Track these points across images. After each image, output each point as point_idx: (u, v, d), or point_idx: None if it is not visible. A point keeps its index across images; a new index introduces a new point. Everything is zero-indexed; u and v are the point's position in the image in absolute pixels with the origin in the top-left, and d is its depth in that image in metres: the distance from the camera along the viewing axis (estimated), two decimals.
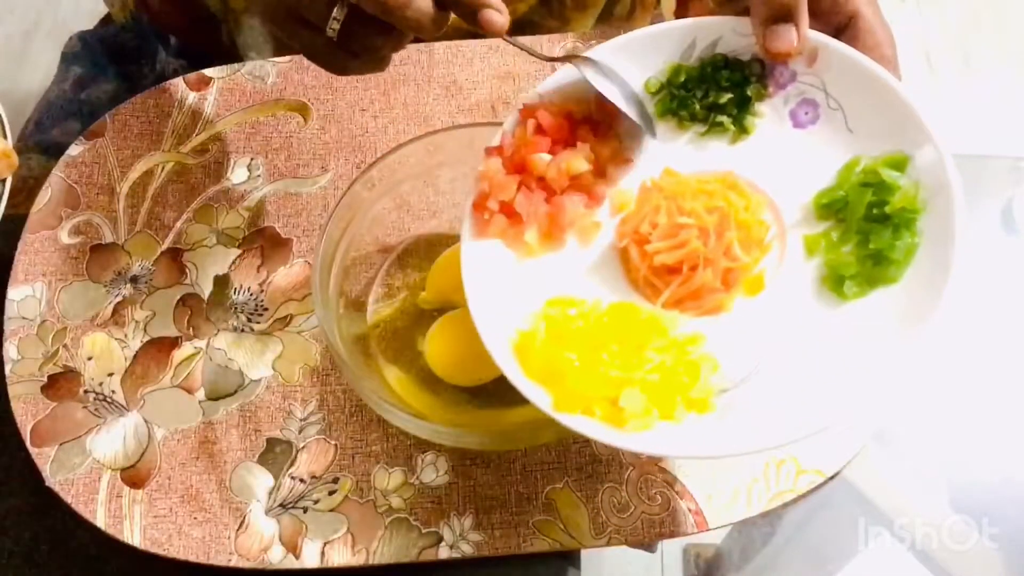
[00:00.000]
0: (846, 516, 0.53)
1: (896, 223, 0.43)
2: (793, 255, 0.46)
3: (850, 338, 0.43)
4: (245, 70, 0.68)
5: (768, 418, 0.41)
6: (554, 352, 0.44)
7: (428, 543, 0.52)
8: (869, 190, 0.44)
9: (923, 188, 0.43)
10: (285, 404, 0.56)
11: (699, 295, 0.45)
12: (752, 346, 0.44)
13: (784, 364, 0.44)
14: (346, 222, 0.56)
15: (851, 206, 0.44)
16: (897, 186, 0.43)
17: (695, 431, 0.42)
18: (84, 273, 0.61)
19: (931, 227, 0.42)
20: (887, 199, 0.43)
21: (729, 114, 0.48)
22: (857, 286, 0.43)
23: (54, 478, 0.54)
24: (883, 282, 0.43)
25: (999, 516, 0.53)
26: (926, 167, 0.43)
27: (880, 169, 0.44)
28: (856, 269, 0.43)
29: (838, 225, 0.45)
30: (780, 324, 0.45)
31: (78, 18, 1.47)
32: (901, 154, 0.44)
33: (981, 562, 0.52)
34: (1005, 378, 0.58)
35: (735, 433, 0.41)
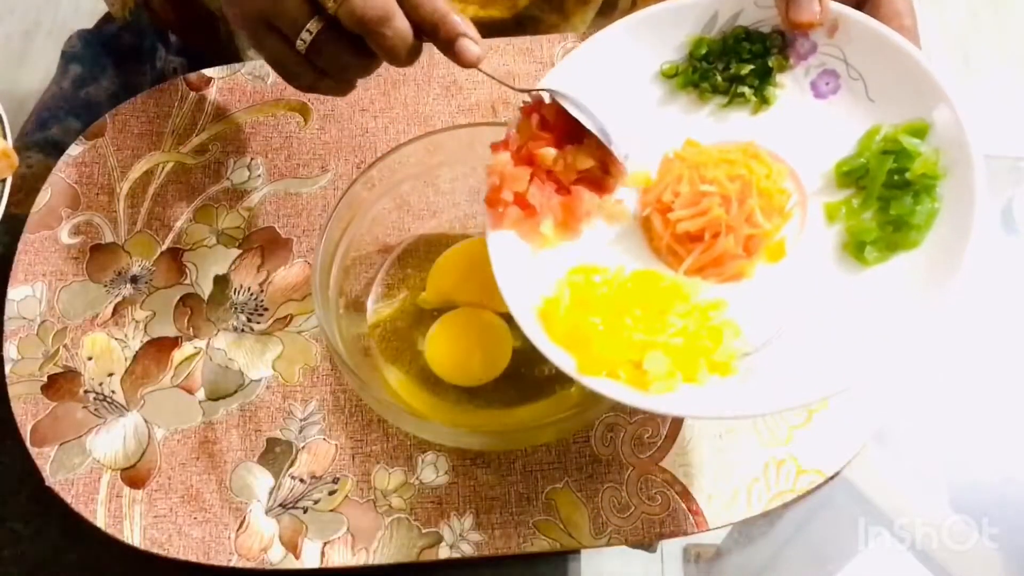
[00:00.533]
0: (846, 516, 0.53)
1: (917, 189, 0.44)
2: (814, 222, 0.46)
3: (870, 303, 0.44)
4: (245, 70, 0.68)
5: (789, 380, 0.42)
6: (579, 317, 0.44)
7: (428, 543, 0.52)
8: (890, 157, 0.44)
9: (943, 154, 0.44)
10: (285, 404, 0.56)
11: (721, 262, 0.46)
12: (773, 311, 0.45)
13: (805, 328, 0.44)
14: (346, 222, 0.56)
15: (872, 173, 0.45)
16: (918, 153, 0.44)
17: (717, 393, 0.43)
18: (84, 273, 0.61)
19: (951, 192, 0.43)
20: (908, 166, 0.44)
21: (750, 85, 0.49)
22: (878, 251, 0.44)
23: (54, 478, 0.54)
24: (904, 247, 0.44)
25: (999, 516, 0.53)
26: (945, 133, 0.44)
27: (901, 136, 0.44)
28: (877, 235, 0.44)
29: (859, 192, 0.46)
30: (801, 290, 0.45)
31: (78, 18, 1.47)
32: (921, 121, 0.44)
33: (981, 562, 0.52)
34: (1005, 378, 0.58)
35: (757, 395, 0.42)
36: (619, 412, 0.55)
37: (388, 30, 0.44)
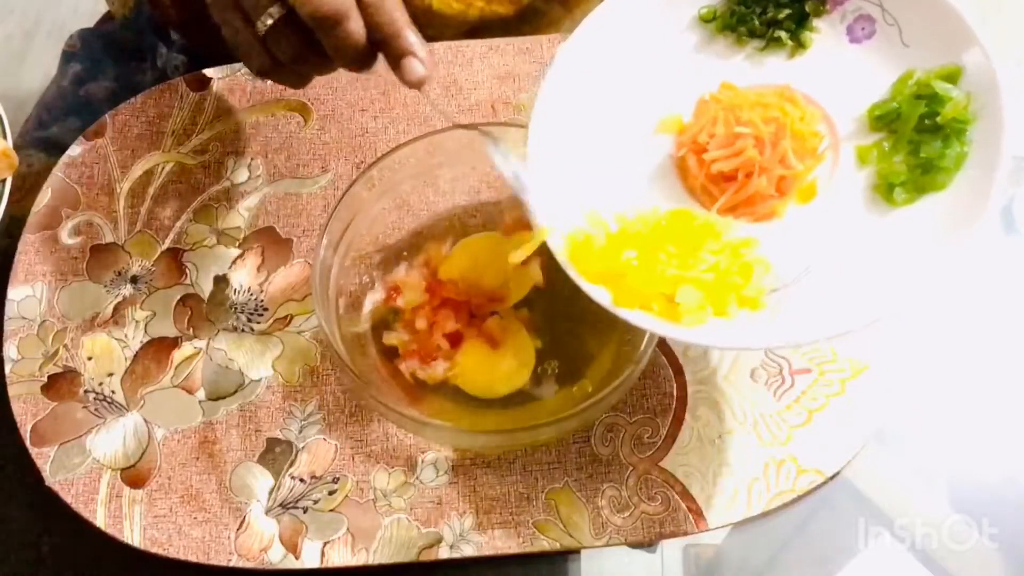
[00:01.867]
0: (846, 516, 0.53)
1: (947, 133, 0.44)
2: (846, 164, 0.48)
3: (897, 242, 0.45)
4: (245, 70, 0.68)
5: (816, 315, 0.43)
6: (614, 253, 0.46)
7: (428, 543, 0.52)
8: (922, 102, 0.45)
9: (974, 99, 0.44)
10: (285, 404, 0.56)
11: (753, 202, 0.48)
12: (803, 250, 0.46)
13: (833, 266, 0.46)
14: (346, 222, 0.56)
15: (904, 117, 0.46)
16: (949, 97, 0.45)
17: (746, 326, 0.44)
18: (84, 273, 0.61)
19: (980, 136, 0.44)
20: (939, 110, 0.45)
21: (787, 29, 0.50)
22: (906, 193, 0.45)
23: (54, 478, 0.54)
24: (932, 189, 0.45)
25: (999, 516, 0.52)
26: (977, 78, 0.44)
27: (933, 81, 0.45)
28: (906, 177, 0.45)
29: (890, 136, 0.47)
30: (831, 229, 0.47)
31: (78, 18, 1.47)
32: (954, 66, 0.45)
33: (981, 562, 0.52)
34: (1005, 378, 0.58)
35: (784, 328, 0.43)
36: (619, 412, 0.55)
37: (340, 31, 0.44)
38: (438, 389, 0.55)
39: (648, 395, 0.56)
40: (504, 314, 0.55)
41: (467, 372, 0.54)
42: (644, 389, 0.56)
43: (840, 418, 0.54)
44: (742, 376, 0.56)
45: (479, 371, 0.54)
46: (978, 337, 0.59)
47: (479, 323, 0.55)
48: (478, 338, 0.55)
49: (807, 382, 0.56)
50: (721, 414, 0.55)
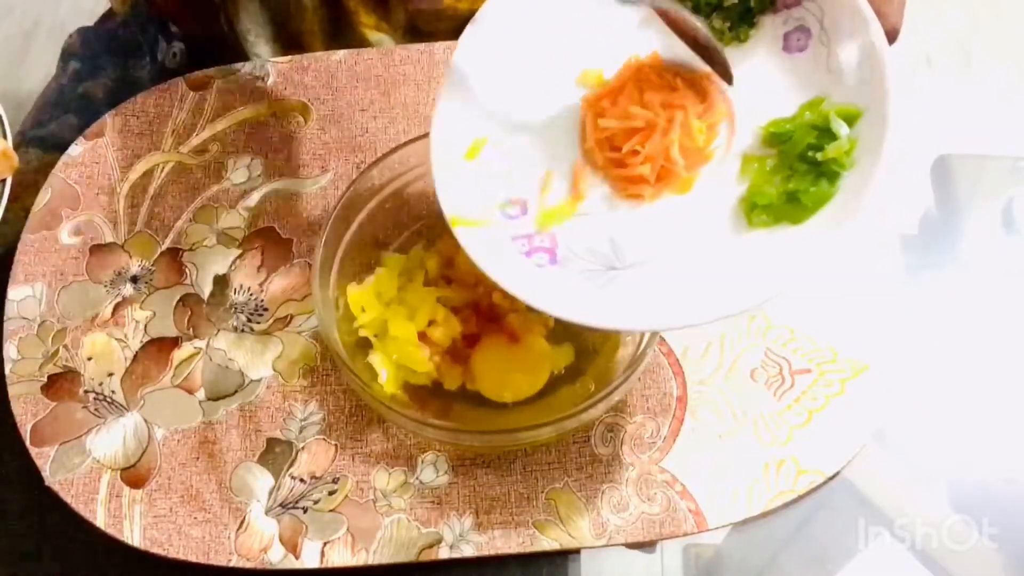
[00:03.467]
0: (846, 516, 0.53)
1: (822, 171, 0.44)
2: (730, 170, 0.47)
3: (741, 260, 0.45)
4: (245, 70, 0.68)
5: (641, 304, 0.44)
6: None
7: (428, 543, 0.52)
8: (815, 132, 0.45)
9: (859, 147, 0.44)
10: (285, 404, 0.56)
11: (631, 182, 0.48)
12: (654, 239, 0.47)
13: (674, 264, 0.46)
14: (346, 222, 0.56)
15: (793, 141, 0.46)
16: (837, 136, 0.44)
17: (579, 294, 0.45)
18: (84, 273, 0.61)
19: (849, 185, 0.43)
20: (825, 145, 0.44)
21: (729, 19, 0.49)
22: (766, 216, 0.45)
23: (54, 478, 0.54)
24: (788, 220, 0.44)
25: (999, 516, 0.53)
26: (871, 129, 0.44)
27: (831, 115, 0.44)
28: (771, 200, 0.45)
29: (778, 156, 0.46)
30: (688, 228, 0.47)
31: (78, 18, 1.46)
32: (856, 109, 0.44)
33: (981, 562, 0.52)
34: (1005, 378, 0.58)
35: (607, 305, 0.44)
36: (619, 412, 0.55)
37: None
38: (437, 389, 0.55)
39: (648, 395, 0.56)
40: (522, 313, 0.55)
41: (483, 374, 0.54)
42: (644, 389, 0.56)
43: (840, 418, 0.54)
44: (742, 376, 0.56)
45: (496, 373, 0.54)
46: (978, 337, 0.59)
47: (494, 325, 0.55)
48: (497, 335, 0.54)
49: (807, 382, 0.56)
50: (721, 414, 0.55)
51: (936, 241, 0.63)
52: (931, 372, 0.58)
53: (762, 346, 0.57)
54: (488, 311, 0.55)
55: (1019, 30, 1.53)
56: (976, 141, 0.70)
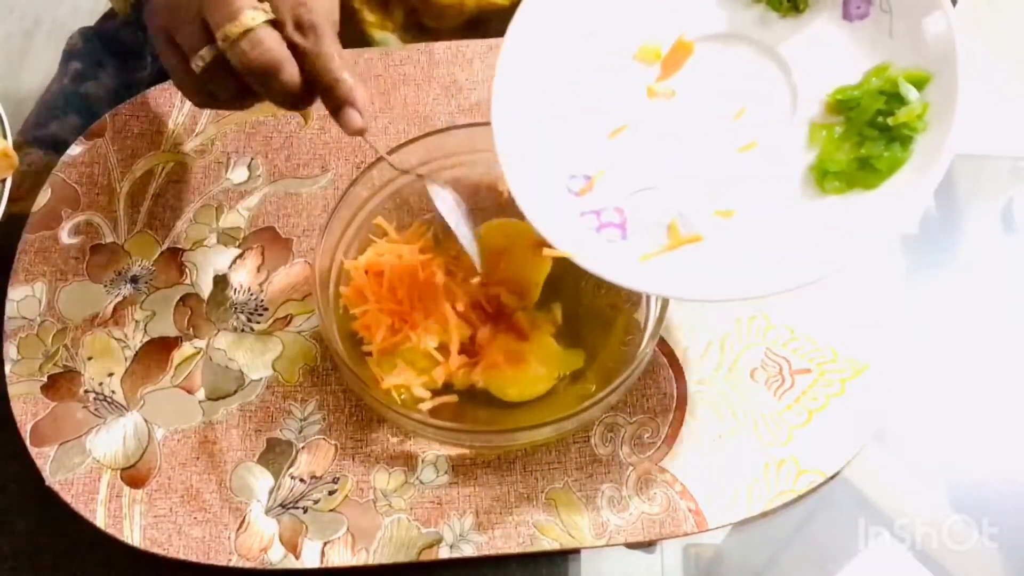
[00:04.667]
0: (846, 516, 0.53)
1: (893, 136, 0.45)
2: (798, 138, 0.48)
3: (816, 227, 0.45)
4: None
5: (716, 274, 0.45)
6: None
7: (428, 543, 0.52)
8: (883, 98, 0.45)
9: (931, 110, 0.44)
10: (285, 404, 0.56)
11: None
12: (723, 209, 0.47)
13: (746, 232, 0.47)
14: (346, 222, 0.56)
15: (862, 108, 0.46)
16: (908, 101, 0.44)
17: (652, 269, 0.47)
18: (84, 273, 0.61)
19: (923, 148, 0.44)
20: (895, 110, 0.44)
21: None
22: (838, 182, 0.46)
23: (54, 478, 0.54)
24: (862, 186, 0.45)
25: (999, 516, 0.52)
26: (942, 91, 0.44)
27: (900, 80, 0.45)
28: (842, 167, 0.46)
29: (845, 123, 0.47)
30: (759, 196, 0.48)
31: (78, 18, 1.47)
32: (925, 72, 0.45)
33: (981, 562, 0.52)
34: (1005, 378, 0.58)
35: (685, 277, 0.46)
36: (619, 412, 0.55)
37: (274, 82, 0.45)
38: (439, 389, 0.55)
39: (648, 395, 0.56)
40: (530, 311, 0.55)
41: (492, 373, 0.54)
42: (644, 389, 0.56)
43: (840, 418, 0.54)
44: (742, 376, 0.56)
45: (504, 371, 0.54)
46: (978, 337, 0.59)
47: (503, 322, 0.54)
48: (506, 333, 0.54)
49: (807, 382, 0.56)
50: (721, 414, 0.55)
51: (936, 241, 0.63)
52: (931, 372, 0.58)
53: (762, 346, 0.57)
54: (496, 310, 0.54)
55: (1019, 30, 1.52)
56: (976, 141, 0.70)
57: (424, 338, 0.52)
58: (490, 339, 0.54)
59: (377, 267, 0.54)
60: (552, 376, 0.54)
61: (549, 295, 0.56)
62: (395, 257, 0.54)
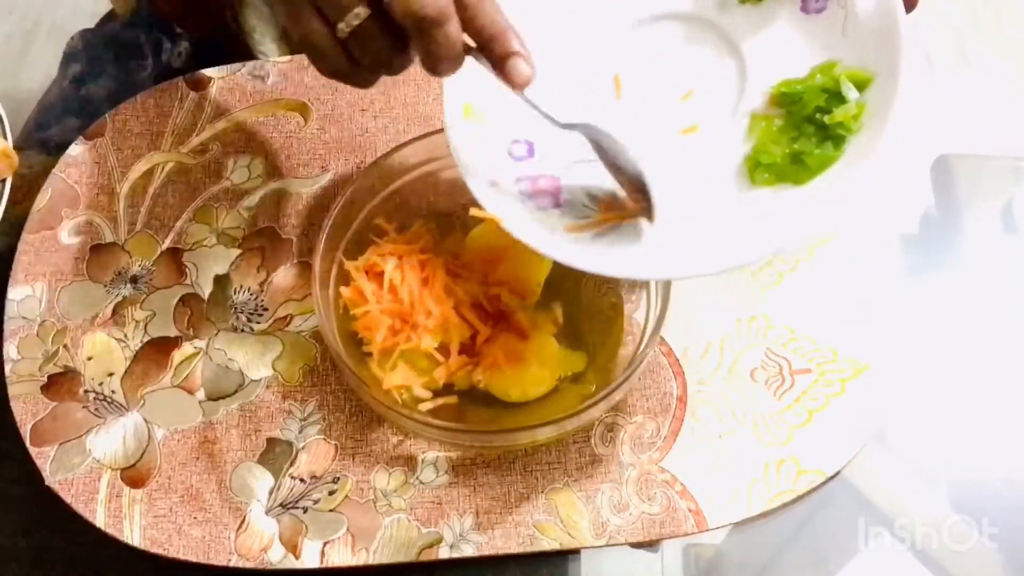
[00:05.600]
0: (846, 516, 0.53)
1: (828, 134, 0.45)
2: (738, 128, 0.48)
3: (744, 215, 0.45)
4: (245, 70, 0.68)
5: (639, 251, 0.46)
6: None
7: (428, 543, 0.52)
8: (824, 95, 0.45)
9: (867, 111, 0.44)
10: (285, 404, 0.56)
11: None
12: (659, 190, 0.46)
13: (677, 215, 0.46)
14: (346, 222, 0.56)
15: (803, 103, 0.46)
16: (847, 100, 0.44)
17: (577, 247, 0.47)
18: (84, 273, 0.61)
19: (855, 150, 0.44)
20: (832, 109, 0.44)
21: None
22: (768, 175, 0.46)
23: (54, 478, 0.54)
24: (790, 180, 0.45)
25: (999, 516, 0.52)
26: (881, 95, 0.44)
27: (841, 79, 0.45)
28: (774, 160, 0.46)
29: (785, 116, 0.47)
30: (694, 181, 0.48)
31: (78, 18, 1.47)
32: (867, 74, 0.45)
33: (981, 562, 0.52)
34: (1005, 378, 0.58)
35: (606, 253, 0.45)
36: (619, 412, 0.55)
37: (440, 34, 0.42)
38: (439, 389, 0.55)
39: (648, 395, 0.56)
40: (531, 311, 0.55)
41: (493, 373, 0.54)
42: (644, 389, 0.56)
43: (840, 418, 0.54)
44: (742, 376, 0.56)
45: (505, 371, 0.54)
46: (978, 337, 0.59)
47: (504, 322, 0.54)
48: (506, 333, 0.54)
49: (807, 382, 0.56)
50: (721, 414, 0.55)
51: (936, 241, 0.63)
52: (931, 372, 0.58)
53: (762, 346, 0.57)
54: (497, 310, 0.54)
55: (1019, 30, 1.53)
56: (976, 141, 0.70)
57: (424, 338, 0.52)
58: (491, 339, 0.54)
59: (377, 267, 0.54)
60: (553, 376, 0.54)
61: (549, 295, 0.56)
62: (395, 257, 0.54)
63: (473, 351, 0.54)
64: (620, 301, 0.56)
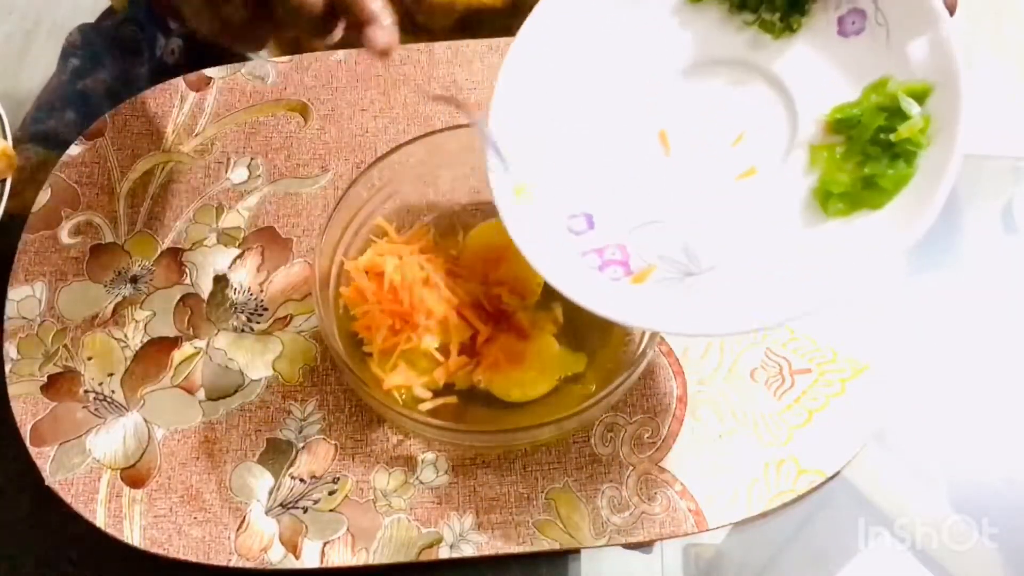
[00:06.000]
0: (846, 516, 0.53)
1: (897, 152, 0.43)
2: (797, 162, 0.47)
3: (820, 251, 0.44)
4: (245, 70, 0.68)
5: (724, 307, 0.43)
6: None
7: (428, 543, 0.52)
8: (884, 114, 0.44)
9: (933, 123, 0.43)
10: (285, 404, 0.56)
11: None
12: (729, 238, 0.46)
13: (752, 261, 0.45)
14: (346, 222, 0.56)
15: (862, 125, 0.45)
16: (909, 115, 0.43)
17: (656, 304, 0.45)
18: (84, 273, 0.61)
19: (928, 164, 0.42)
20: (896, 126, 0.43)
21: (778, 9, 0.49)
22: (843, 204, 0.44)
23: (54, 478, 0.54)
24: (868, 206, 0.43)
25: (999, 516, 0.53)
26: (943, 103, 0.43)
27: (900, 94, 0.43)
28: (846, 189, 0.44)
29: (847, 142, 0.45)
30: (764, 223, 0.46)
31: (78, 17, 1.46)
32: (926, 84, 0.43)
33: (981, 562, 0.52)
34: (1005, 378, 0.58)
35: (693, 312, 0.44)
36: (619, 412, 0.55)
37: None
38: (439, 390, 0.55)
39: (648, 395, 0.56)
40: (531, 311, 0.55)
41: (493, 373, 0.54)
42: (644, 389, 0.56)
43: (840, 418, 0.54)
44: (742, 376, 0.56)
45: (506, 371, 0.54)
46: (978, 337, 0.59)
47: (504, 322, 0.54)
48: (507, 333, 0.54)
49: (807, 382, 0.56)
50: (721, 414, 0.55)
51: (936, 241, 0.63)
52: (931, 372, 0.58)
53: (762, 346, 0.57)
54: (497, 309, 0.54)
55: (1019, 30, 1.52)
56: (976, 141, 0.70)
57: (425, 338, 0.52)
58: (491, 339, 0.54)
59: (377, 267, 0.54)
60: (554, 376, 0.54)
61: (550, 295, 0.56)
62: (395, 257, 0.54)
63: (473, 351, 0.54)
64: None
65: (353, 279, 0.54)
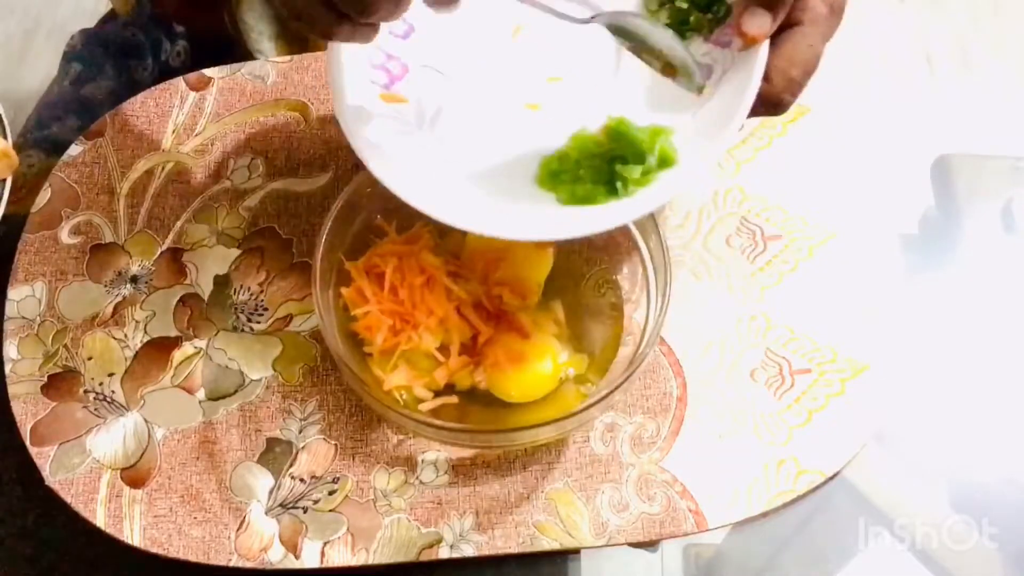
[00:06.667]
0: (846, 516, 0.53)
1: (612, 179, 0.46)
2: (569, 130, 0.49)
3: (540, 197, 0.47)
4: (245, 70, 0.68)
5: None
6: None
7: (428, 543, 0.52)
8: (633, 150, 0.46)
9: (651, 185, 0.45)
10: (285, 404, 0.56)
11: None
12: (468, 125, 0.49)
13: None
14: (346, 222, 0.56)
15: (622, 144, 0.46)
16: (644, 163, 0.45)
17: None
18: (84, 273, 0.61)
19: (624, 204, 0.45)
20: (630, 162, 0.45)
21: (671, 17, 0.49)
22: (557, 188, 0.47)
23: (54, 478, 0.54)
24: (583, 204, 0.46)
25: (999, 516, 0.53)
26: (673, 178, 0.45)
27: (656, 149, 0.45)
28: (567, 170, 0.47)
29: (596, 147, 0.47)
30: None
31: (78, 18, 1.47)
32: (676, 158, 0.45)
33: (981, 562, 0.52)
34: (1005, 378, 0.58)
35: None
36: (619, 412, 0.55)
37: None
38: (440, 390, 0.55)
39: (648, 395, 0.56)
40: (532, 311, 0.55)
41: (494, 373, 0.54)
42: (644, 389, 0.56)
43: (840, 418, 0.54)
44: (742, 376, 0.56)
45: (506, 371, 0.53)
46: (978, 337, 0.59)
47: (505, 322, 0.54)
48: (507, 333, 0.54)
49: (807, 382, 0.56)
50: (721, 414, 0.55)
51: (936, 241, 0.63)
52: (931, 372, 0.58)
53: (762, 346, 0.57)
54: (498, 309, 0.54)
55: (1019, 30, 1.53)
56: (976, 141, 0.70)
57: (425, 339, 0.52)
58: (492, 339, 0.54)
59: (377, 268, 0.54)
60: (555, 376, 0.54)
61: (550, 295, 0.56)
62: (396, 258, 0.54)
63: (474, 351, 0.54)
64: (620, 301, 0.56)
65: (353, 279, 0.54)
